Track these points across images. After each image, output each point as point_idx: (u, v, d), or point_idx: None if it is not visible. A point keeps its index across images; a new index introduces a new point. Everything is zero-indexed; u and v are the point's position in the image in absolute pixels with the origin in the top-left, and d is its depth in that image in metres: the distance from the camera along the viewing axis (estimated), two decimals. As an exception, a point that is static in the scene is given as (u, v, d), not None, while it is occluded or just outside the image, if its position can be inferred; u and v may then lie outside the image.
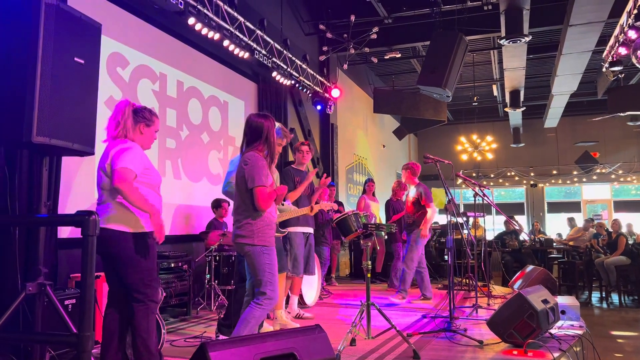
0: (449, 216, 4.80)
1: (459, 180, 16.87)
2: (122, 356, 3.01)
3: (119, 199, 2.88)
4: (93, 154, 2.83)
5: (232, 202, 4.27)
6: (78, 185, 4.80)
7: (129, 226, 2.87)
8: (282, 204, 4.67)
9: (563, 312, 4.75)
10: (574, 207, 17.77)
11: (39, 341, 2.54)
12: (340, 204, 8.52)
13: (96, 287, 3.94)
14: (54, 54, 2.52)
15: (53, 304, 2.49)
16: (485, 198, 5.81)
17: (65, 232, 4.62)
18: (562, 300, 5.04)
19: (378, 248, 8.67)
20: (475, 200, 6.08)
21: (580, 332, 4.36)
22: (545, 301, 4.03)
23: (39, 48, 2.45)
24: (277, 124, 4.27)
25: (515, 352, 3.74)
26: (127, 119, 2.98)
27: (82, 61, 2.69)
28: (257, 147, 3.24)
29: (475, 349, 3.92)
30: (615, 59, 7.79)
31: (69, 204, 4.68)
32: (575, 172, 17.01)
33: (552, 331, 4.20)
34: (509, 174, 17.71)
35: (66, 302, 3.73)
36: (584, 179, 17.15)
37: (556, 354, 3.63)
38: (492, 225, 8.03)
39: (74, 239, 4.63)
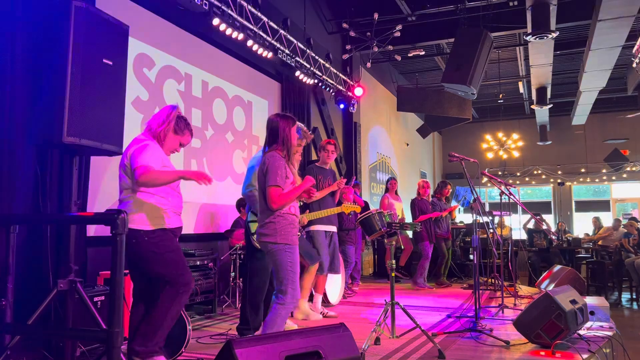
0: (474, 215, 4.74)
1: (485, 179, 16.66)
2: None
3: (139, 195, 2.93)
4: (121, 153, 2.89)
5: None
6: (106, 184, 4.90)
7: (148, 224, 2.92)
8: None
9: (592, 313, 4.65)
10: (603, 205, 17.39)
11: (70, 337, 2.60)
12: (365, 203, 8.50)
13: (124, 284, 4.02)
14: (83, 55, 2.58)
15: (83, 301, 2.54)
16: (511, 197, 5.73)
17: (94, 230, 4.72)
18: (591, 300, 4.95)
19: (403, 247, 8.62)
20: (501, 199, 6.00)
21: (610, 333, 4.26)
22: (573, 301, 3.95)
23: (69, 50, 2.51)
24: (298, 124, 4.29)
25: (542, 353, 3.68)
26: (171, 121, 3.11)
27: (111, 62, 2.74)
28: (275, 147, 3.29)
29: (502, 349, 3.87)
30: (646, 54, 7.58)
31: (97, 202, 4.77)
32: (604, 170, 16.63)
33: (581, 332, 4.11)
34: (535, 172, 17.42)
35: (95, 299, 3.80)
36: (614, 177, 16.75)
37: (585, 356, 3.56)
38: (519, 225, 7.89)
39: (102, 237, 4.72)
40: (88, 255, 4.45)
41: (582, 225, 16.53)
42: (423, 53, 10.82)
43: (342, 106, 9.99)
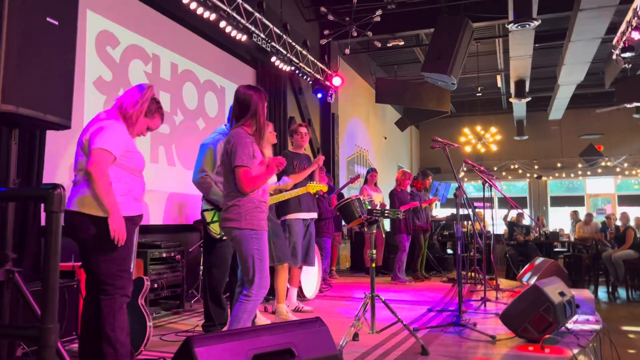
0: (458, 206, 4.50)
1: (462, 174, 16.60)
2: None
3: None
4: (69, 127, 2.55)
5: None
6: (67, 163, 4.51)
7: (102, 210, 2.59)
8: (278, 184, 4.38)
9: (577, 306, 4.49)
10: (578, 201, 17.52)
11: (-3, 334, 2.26)
12: (341, 195, 8.24)
13: (81, 276, 3.68)
14: (22, 11, 2.23)
15: (22, 294, 2.21)
16: (494, 187, 5.53)
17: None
18: (576, 293, 4.78)
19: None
20: (484, 191, 5.79)
21: (597, 327, 4.10)
22: (562, 294, 3.77)
23: (5, 3, 2.16)
24: None
25: (531, 348, 3.47)
26: (145, 102, 2.80)
27: (56, 22, 2.40)
28: (244, 122, 2.99)
29: (488, 344, 3.65)
30: (627, 45, 7.49)
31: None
32: (579, 165, 16.74)
33: (569, 326, 3.93)
34: (512, 167, 17.43)
35: (47, 293, 3.46)
36: (589, 172, 16.89)
37: (575, 350, 3.36)
38: (493, 220, 7.68)
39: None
40: (42, 246, 4.08)
41: (557, 220, 16.63)
42: (402, 43, 10.58)
43: (319, 95, 9.69)
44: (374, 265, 3.68)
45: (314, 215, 4.93)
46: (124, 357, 2.63)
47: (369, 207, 3.72)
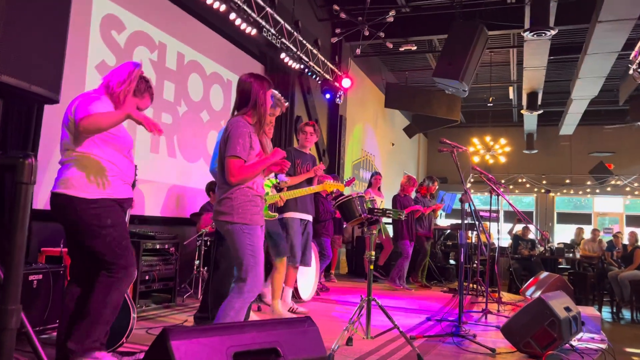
0: (463, 211, 4.32)
1: (468, 185, 16.36)
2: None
3: (83, 158, 2.49)
4: (57, 101, 2.42)
5: None
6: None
7: (92, 191, 2.47)
8: (277, 180, 4.24)
9: (583, 323, 4.31)
10: (585, 219, 17.23)
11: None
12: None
13: (68, 262, 3.56)
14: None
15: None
16: (501, 195, 5.36)
17: (41, 202, 4.22)
18: (581, 310, 4.60)
19: (383, 246, 8.22)
20: (490, 201, 5.62)
21: (603, 345, 3.92)
22: (567, 309, 3.59)
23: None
24: (272, 91, 3.86)
25: (532, 364, 3.30)
26: (132, 81, 2.71)
27: (49, -12, 2.27)
28: (245, 112, 2.84)
29: (487, 357, 3.48)
30: (645, 59, 7.29)
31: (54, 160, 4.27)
32: (588, 183, 16.48)
33: (573, 343, 3.76)
34: (520, 180, 17.19)
35: (31, 278, 3.34)
36: (597, 190, 16.62)
37: (579, 369, 3.19)
38: (499, 232, 7.39)
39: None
40: (32, 229, 3.96)
41: (563, 237, 16.35)
42: (415, 48, 10.42)
43: (328, 96, 9.54)
44: (372, 267, 3.53)
45: (310, 217, 4.79)
46: (98, 338, 2.49)
47: (370, 207, 3.56)
